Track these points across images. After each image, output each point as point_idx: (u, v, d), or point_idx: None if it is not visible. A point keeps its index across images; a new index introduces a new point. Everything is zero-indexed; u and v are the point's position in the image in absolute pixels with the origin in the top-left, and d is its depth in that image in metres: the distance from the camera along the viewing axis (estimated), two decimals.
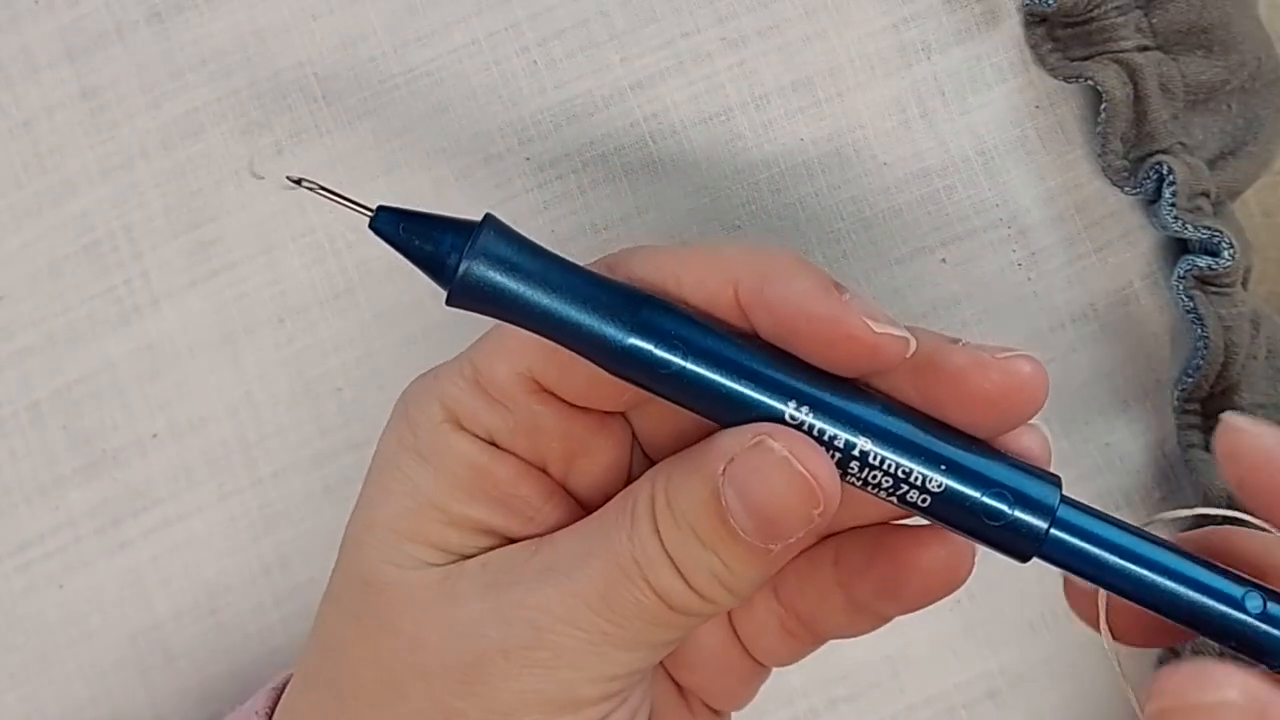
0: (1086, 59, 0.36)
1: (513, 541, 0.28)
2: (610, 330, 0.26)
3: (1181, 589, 0.26)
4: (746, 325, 0.27)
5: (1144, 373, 0.38)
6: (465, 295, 0.26)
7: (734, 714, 0.33)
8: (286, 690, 0.31)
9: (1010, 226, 0.38)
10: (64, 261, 0.38)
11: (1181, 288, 0.36)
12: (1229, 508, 0.37)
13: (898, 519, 0.30)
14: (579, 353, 0.27)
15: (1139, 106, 0.36)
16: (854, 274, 0.38)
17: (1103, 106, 0.36)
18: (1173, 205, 0.36)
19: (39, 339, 0.38)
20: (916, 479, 0.26)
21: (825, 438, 0.26)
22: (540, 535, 0.28)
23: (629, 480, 0.29)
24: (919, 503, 0.26)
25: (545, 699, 0.27)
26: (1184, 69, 0.37)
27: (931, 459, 0.26)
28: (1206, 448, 0.38)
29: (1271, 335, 0.38)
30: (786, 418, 0.26)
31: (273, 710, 0.31)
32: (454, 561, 0.28)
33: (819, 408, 0.26)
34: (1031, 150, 0.38)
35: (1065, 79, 0.37)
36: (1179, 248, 0.38)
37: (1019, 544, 0.27)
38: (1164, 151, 0.36)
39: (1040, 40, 0.37)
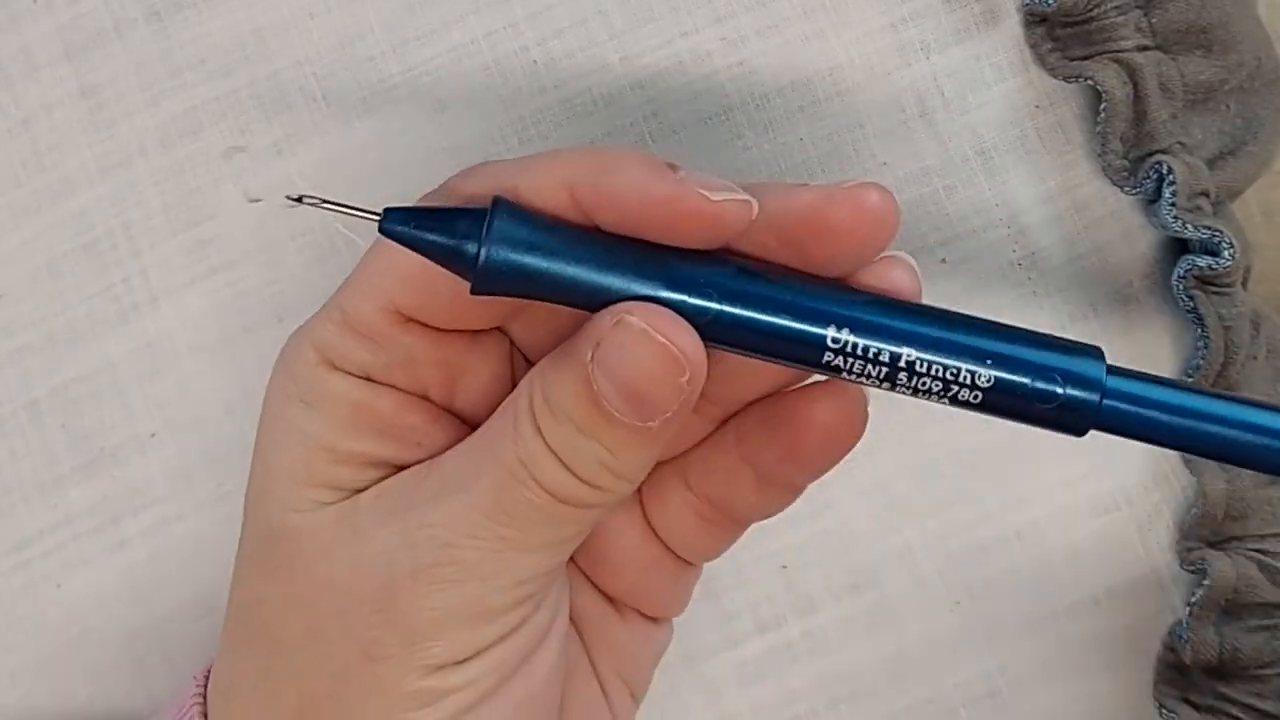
0: (1086, 59, 0.36)
1: (408, 466, 0.29)
2: (640, 289, 0.26)
3: (1237, 434, 0.27)
4: (589, 223, 0.27)
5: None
6: (489, 281, 0.26)
7: None
8: (216, 659, 0.31)
9: (1010, 226, 0.38)
10: (63, 260, 0.38)
11: (1182, 287, 0.36)
12: (1226, 510, 0.37)
13: (790, 386, 0.30)
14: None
15: (1138, 106, 0.36)
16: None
17: (1102, 106, 0.36)
18: (1172, 205, 0.36)
19: (38, 337, 0.38)
20: (965, 378, 0.26)
21: (871, 354, 0.26)
22: (420, 458, 0.29)
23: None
24: (971, 400, 0.27)
25: (458, 614, 0.27)
26: (1183, 69, 0.37)
27: (977, 355, 0.27)
28: None
29: (1271, 335, 0.38)
30: (829, 342, 0.26)
31: (205, 689, 0.32)
32: (347, 499, 0.28)
33: (859, 327, 0.26)
34: (1031, 150, 0.38)
35: (1065, 79, 0.37)
36: (1179, 248, 0.38)
37: (1075, 421, 0.27)
38: (1163, 151, 0.36)
39: (1040, 40, 0.37)
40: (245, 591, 0.30)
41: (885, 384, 0.27)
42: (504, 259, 0.26)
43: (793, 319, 0.27)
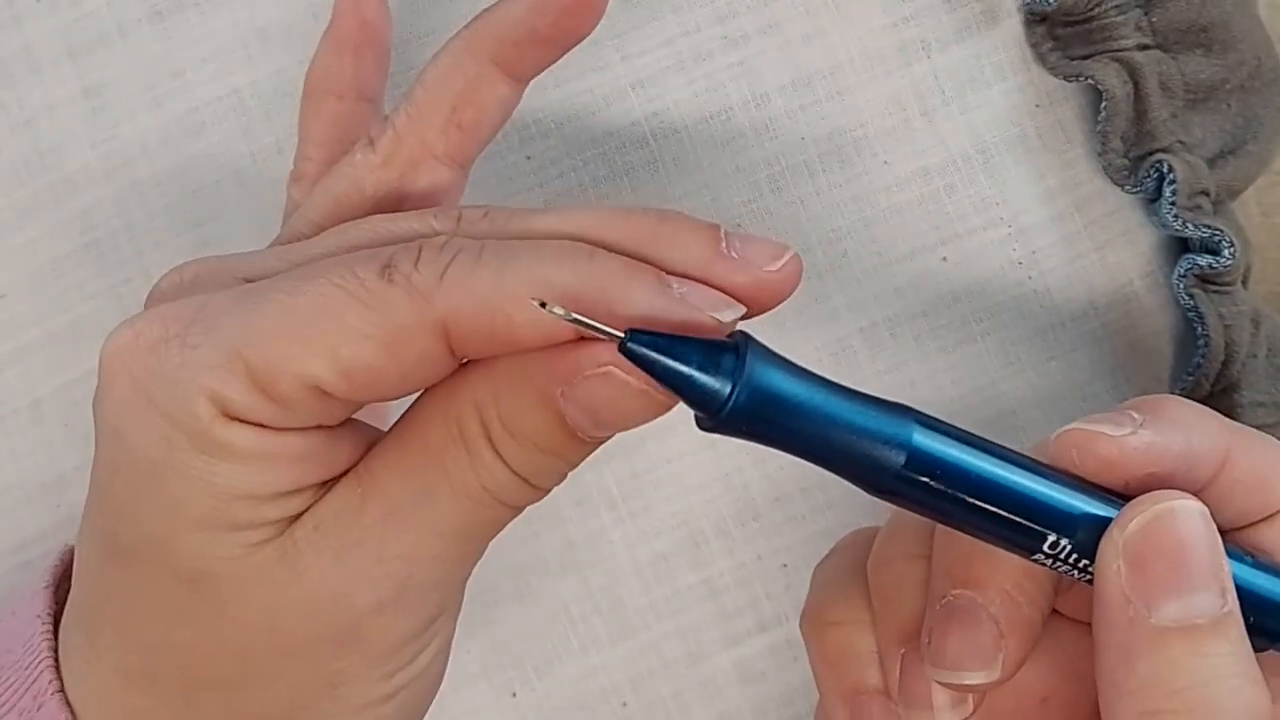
0: (1086, 58, 0.36)
1: (324, 484, 0.28)
2: (891, 434, 0.26)
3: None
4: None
5: (1144, 371, 0.38)
6: (734, 421, 0.26)
7: None
8: (92, 683, 0.29)
9: (1010, 225, 0.38)
10: (65, 259, 0.38)
11: (1182, 286, 0.36)
12: None
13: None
14: (843, 476, 0.27)
15: (1139, 105, 0.36)
16: (855, 272, 0.38)
17: (1103, 105, 0.36)
18: (1173, 204, 0.36)
19: (40, 337, 0.38)
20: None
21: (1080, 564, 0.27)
22: (345, 464, 0.28)
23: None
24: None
25: (419, 628, 0.28)
26: (1184, 68, 0.37)
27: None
28: None
29: (1271, 334, 0.38)
30: (1045, 547, 0.27)
31: (56, 614, 0.31)
32: (279, 535, 0.27)
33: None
34: (1031, 149, 0.38)
35: (1065, 77, 0.37)
36: (1179, 246, 0.38)
37: None
38: (1164, 150, 0.36)
39: (1040, 39, 0.37)
40: (153, 636, 0.28)
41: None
42: (757, 404, 0.25)
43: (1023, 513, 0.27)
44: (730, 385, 0.25)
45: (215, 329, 0.26)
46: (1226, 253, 0.35)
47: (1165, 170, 0.36)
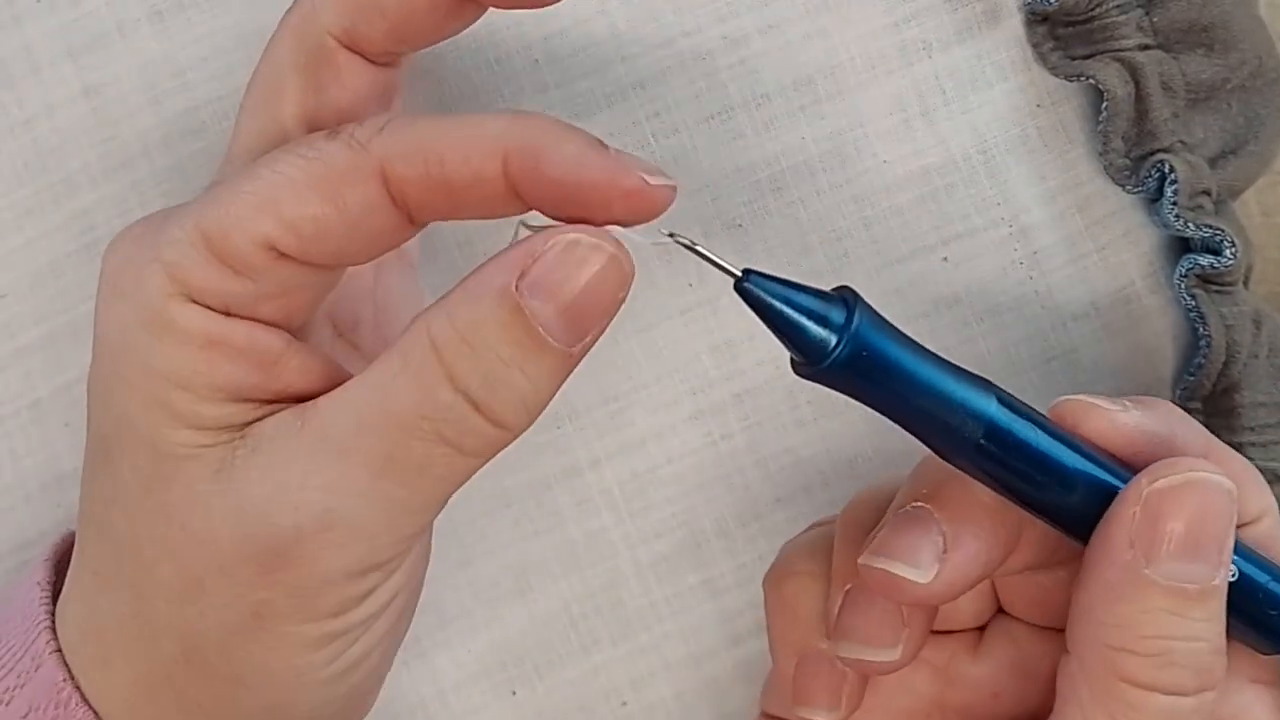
0: (1088, 57, 0.36)
1: (272, 402, 0.28)
2: (979, 403, 0.27)
3: None
4: (512, 195, 0.27)
5: (1146, 371, 0.38)
6: (835, 371, 0.27)
7: None
8: (75, 585, 0.30)
9: (1011, 225, 0.38)
10: (65, 260, 0.38)
11: (1183, 286, 0.36)
12: None
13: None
14: (925, 441, 0.28)
15: (1140, 105, 0.36)
16: (855, 273, 0.38)
17: (1104, 105, 0.36)
18: (1174, 204, 0.36)
19: (40, 337, 0.38)
20: None
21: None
22: (290, 383, 0.28)
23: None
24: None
25: (347, 570, 0.27)
26: (1185, 67, 0.37)
27: None
28: None
29: (1273, 334, 0.38)
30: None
31: (55, 585, 0.31)
32: (220, 445, 0.27)
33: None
34: (1033, 149, 0.38)
35: (1066, 77, 0.37)
36: (1180, 246, 0.38)
37: None
38: (1165, 150, 0.36)
39: (1041, 39, 0.37)
40: (117, 532, 0.28)
41: None
42: (857, 360, 0.27)
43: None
44: (836, 339, 0.26)
45: (180, 212, 0.28)
46: (1228, 253, 0.35)
47: (1166, 170, 0.36)
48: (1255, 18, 0.39)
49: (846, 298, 0.27)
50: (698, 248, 0.28)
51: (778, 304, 0.27)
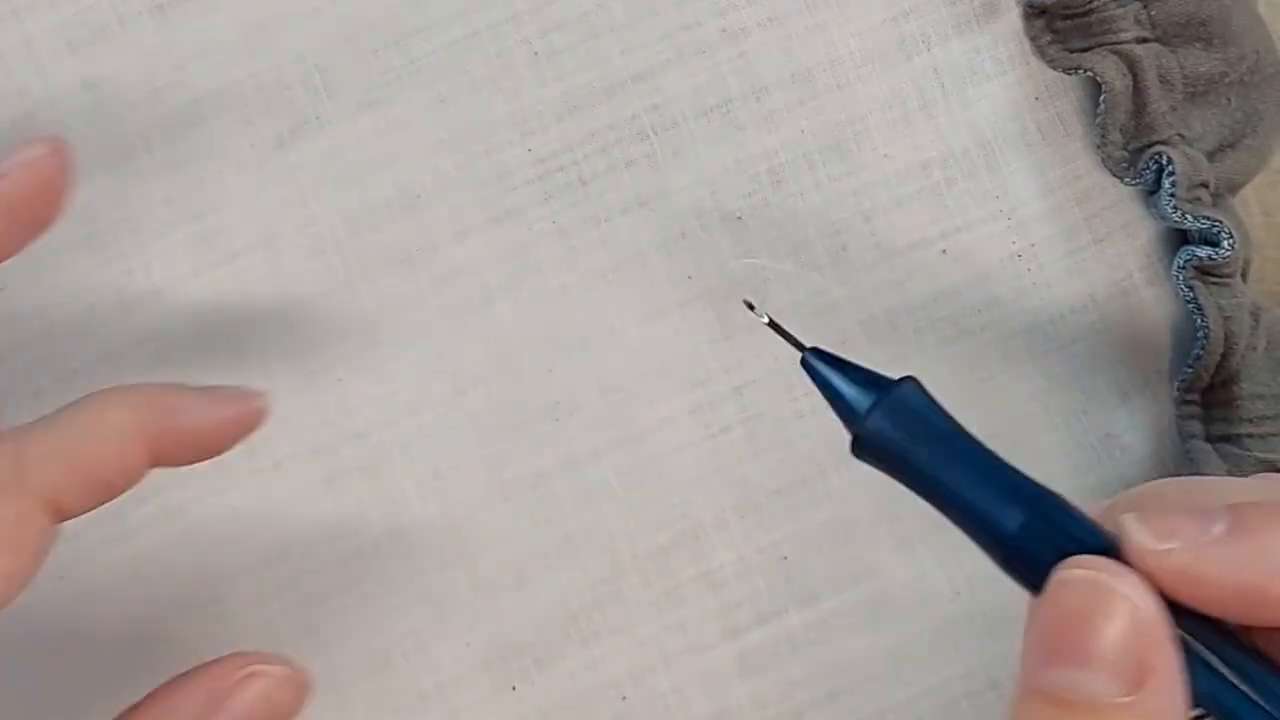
0: (1086, 51, 0.37)
1: None
2: (999, 510, 0.27)
3: None
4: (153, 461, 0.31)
5: (1144, 364, 0.38)
6: (866, 447, 0.28)
7: None
8: None
9: (1010, 218, 0.38)
10: (65, 252, 0.38)
11: (1181, 278, 0.36)
12: None
13: None
14: (961, 527, 0.28)
15: (1138, 98, 0.36)
16: (855, 266, 0.38)
17: (1102, 98, 0.36)
18: (1172, 196, 0.36)
19: (40, 329, 0.38)
20: None
21: None
22: None
23: None
24: None
25: None
26: (1183, 61, 0.37)
27: None
28: (1207, 439, 0.38)
29: (1271, 326, 0.38)
30: None
31: None
32: None
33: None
34: (1031, 142, 0.38)
35: (1064, 71, 0.37)
36: (1178, 239, 0.38)
37: None
38: (1163, 143, 0.36)
39: (1039, 32, 0.37)
40: None
41: None
42: (883, 431, 0.28)
43: None
44: (855, 421, 0.28)
45: None
46: (1225, 244, 0.36)
47: (1164, 162, 0.36)
48: (1253, 13, 0.39)
49: (898, 381, 0.28)
50: (773, 321, 0.31)
51: (832, 380, 0.29)
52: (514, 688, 0.39)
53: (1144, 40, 0.37)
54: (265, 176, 0.38)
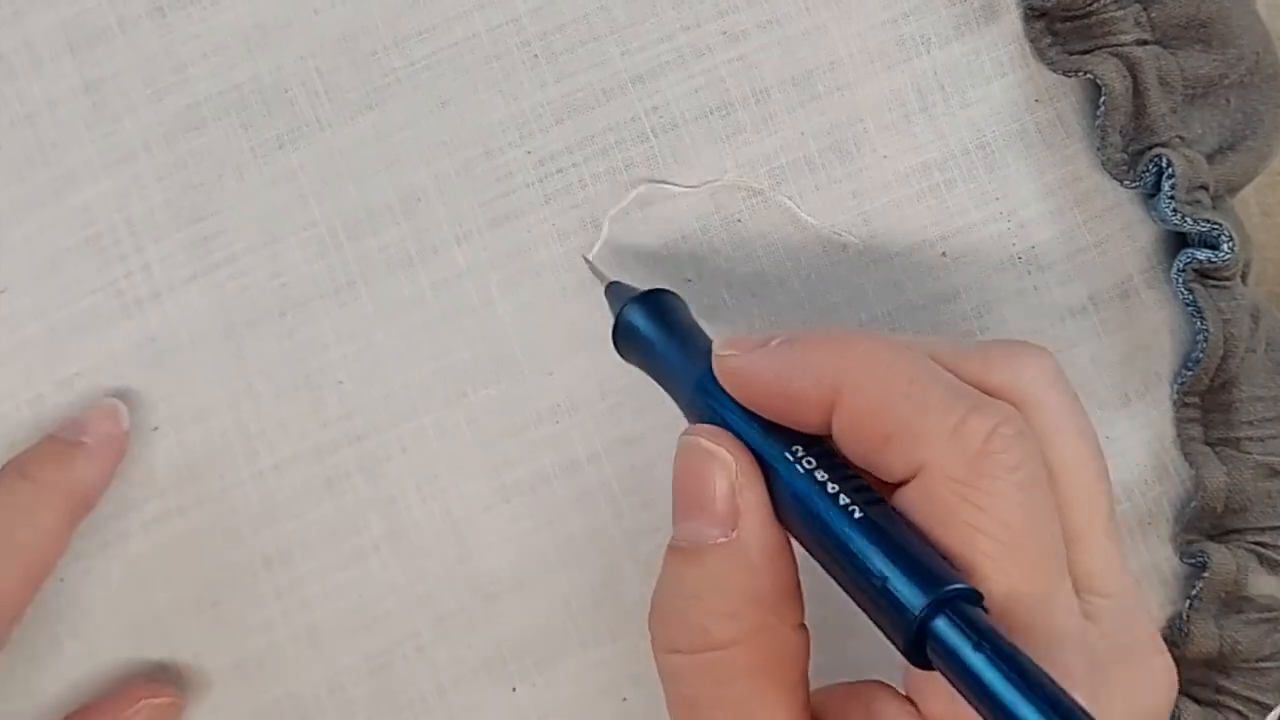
0: (1086, 53, 0.37)
1: None
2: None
3: None
4: None
5: (1143, 366, 0.38)
6: (617, 341, 0.34)
7: None
8: None
9: (1010, 220, 0.38)
10: (65, 254, 0.38)
11: (1181, 280, 0.36)
12: (1226, 503, 0.37)
13: None
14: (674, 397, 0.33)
15: (1138, 100, 0.36)
16: (854, 267, 0.38)
17: (1102, 100, 0.36)
18: (1172, 198, 0.36)
19: (41, 331, 0.38)
20: None
21: None
22: None
23: None
24: None
25: None
26: (1183, 63, 0.37)
27: None
28: (1206, 441, 0.38)
29: (1271, 328, 0.38)
30: None
31: None
32: None
33: None
34: (1031, 144, 0.38)
35: (1064, 73, 0.37)
36: (1178, 241, 0.38)
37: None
38: (1163, 145, 0.36)
39: (1039, 34, 0.37)
40: None
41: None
42: (624, 329, 0.34)
43: None
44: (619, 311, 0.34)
45: None
46: (1225, 247, 0.36)
47: (1164, 164, 0.36)
48: (1253, 14, 0.39)
49: (649, 292, 0.34)
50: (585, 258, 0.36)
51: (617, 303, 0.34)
52: (514, 689, 0.39)
53: (1144, 42, 0.37)
54: (265, 179, 0.38)
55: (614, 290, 0.35)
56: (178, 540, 0.38)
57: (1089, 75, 0.36)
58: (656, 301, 0.34)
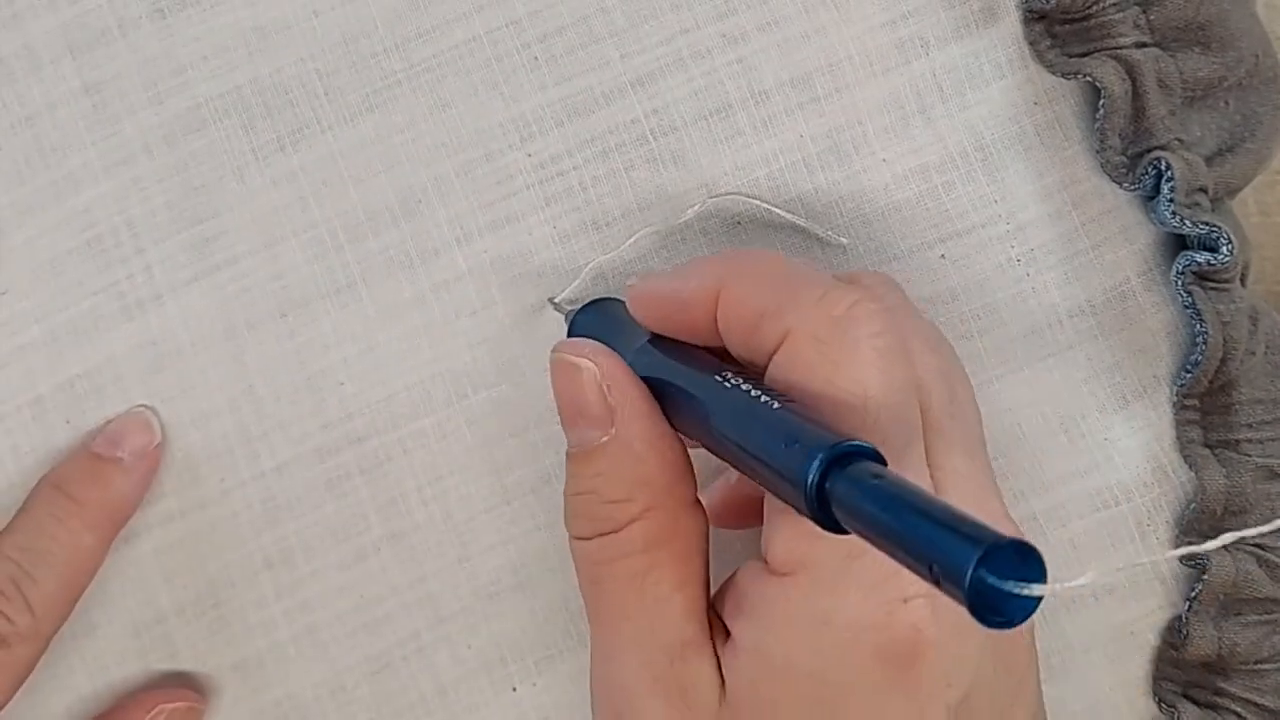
0: (1085, 55, 0.37)
1: None
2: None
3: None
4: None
5: (1142, 369, 0.38)
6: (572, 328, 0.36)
7: None
8: None
9: (1009, 222, 0.38)
10: (66, 257, 0.38)
11: (1180, 283, 0.36)
12: (1225, 505, 0.37)
13: None
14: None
15: (1137, 103, 0.36)
16: (853, 269, 0.38)
17: (1101, 103, 0.36)
18: (1171, 201, 0.36)
19: (42, 334, 0.38)
20: None
21: None
22: None
23: None
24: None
25: None
26: (1182, 65, 0.37)
27: None
28: (1205, 444, 0.38)
29: (1269, 331, 0.38)
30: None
31: None
32: None
33: None
34: (1030, 146, 0.38)
35: (1063, 75, 0.37)
36: (1177, 244, 0.38)
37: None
38: (1162, 147, 0.36)
39: (1039, 37, 0.37)
40: None
41: None
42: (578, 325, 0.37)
43: None
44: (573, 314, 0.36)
45: None
46: (1224, 249, 0.36)
47: (1163, 167, 0.36)
48: (1252, 16, 0.39)
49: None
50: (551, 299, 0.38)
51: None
52: (514, 689, 0.39)
53: (1143, 45, 0.37)
54: (266, 181, 0.38)
55: (570, 315, 0.37)
56: (179, 542, 0.38)
57: (1088, 78, 0.36)
58: (598, 307, 0.36)
